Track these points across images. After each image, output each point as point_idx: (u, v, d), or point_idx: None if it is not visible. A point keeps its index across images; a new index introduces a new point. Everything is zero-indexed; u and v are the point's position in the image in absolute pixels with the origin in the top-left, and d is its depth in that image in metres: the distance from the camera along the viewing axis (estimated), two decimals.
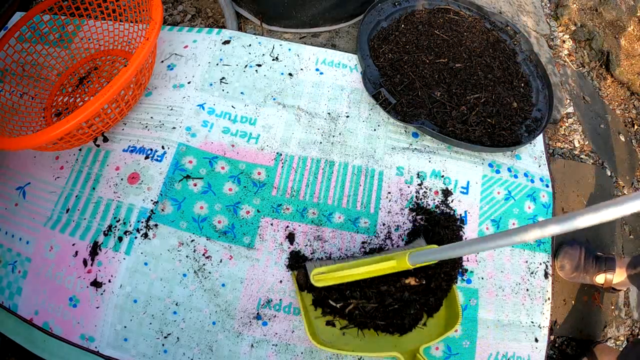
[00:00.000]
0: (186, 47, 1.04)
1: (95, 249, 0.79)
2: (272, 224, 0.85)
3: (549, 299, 0.88)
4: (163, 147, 0.88)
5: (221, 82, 0.99)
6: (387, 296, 0.76)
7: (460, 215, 0.90)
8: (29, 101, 0.96)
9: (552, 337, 0.89)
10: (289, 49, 1.06)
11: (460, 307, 0.78)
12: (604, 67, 1.32)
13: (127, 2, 0.99)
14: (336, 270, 0.72)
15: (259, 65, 1.02)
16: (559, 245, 0.94)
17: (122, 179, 0.86)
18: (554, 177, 1.00)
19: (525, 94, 1.04)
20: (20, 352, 0.79)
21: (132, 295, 0.76)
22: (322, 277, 0.72)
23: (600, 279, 0.89)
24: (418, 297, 0.77)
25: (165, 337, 0.75)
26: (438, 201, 0.90)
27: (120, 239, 0.80)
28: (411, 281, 0.76)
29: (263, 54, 1.04)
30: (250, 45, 1.05)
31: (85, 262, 0.78)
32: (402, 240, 0.86)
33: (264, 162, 0.90)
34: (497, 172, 0.95)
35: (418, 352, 0.73)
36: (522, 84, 1.05)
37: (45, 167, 0.89)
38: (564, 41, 1.32)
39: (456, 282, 0.83)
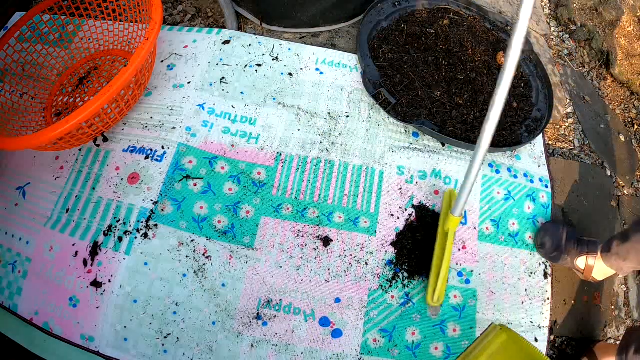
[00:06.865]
0: (186, 47, 1.04)
1: (95, 249, 0.79)
2: (272, 224, 0.85)
3: (548, 299, 0.88)
4: (163, 147, 0.88)
5: (221, 82, 0.99)
6: None
7: None
8: (29, 101, 0.96)
9: (552, 337, 0.89)
10: (289, 49, 1.06)
11: None
12: (604, 67, 1.32)
13: (127, 2, 0.99)
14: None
15: (259, 65, 1.02)
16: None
17: (122, 179, 0.86)
18: (553, 178, 1.00)
19: (525, 94, 1.04)
20: (20, 352, 0.79)
21: (132, 295, 0.76)
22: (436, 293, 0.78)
23: (581, 262, 0.86)
24: None
25: (165, 337, 0.75)
26: (438, 201, 0.90)
27: (120, 239, 0.80)
28: None
29: (263, 54, 1.04)
30: (250, 45, 1.05)
31: (85, 262, 0.78)
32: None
33: (264, 162, 0.90)
34: (497, 172, 0.95)
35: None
36: (522, 84, 1.05)
37: (45, 167, 0.89)
38: (564, 41, 1.32)
39: None
